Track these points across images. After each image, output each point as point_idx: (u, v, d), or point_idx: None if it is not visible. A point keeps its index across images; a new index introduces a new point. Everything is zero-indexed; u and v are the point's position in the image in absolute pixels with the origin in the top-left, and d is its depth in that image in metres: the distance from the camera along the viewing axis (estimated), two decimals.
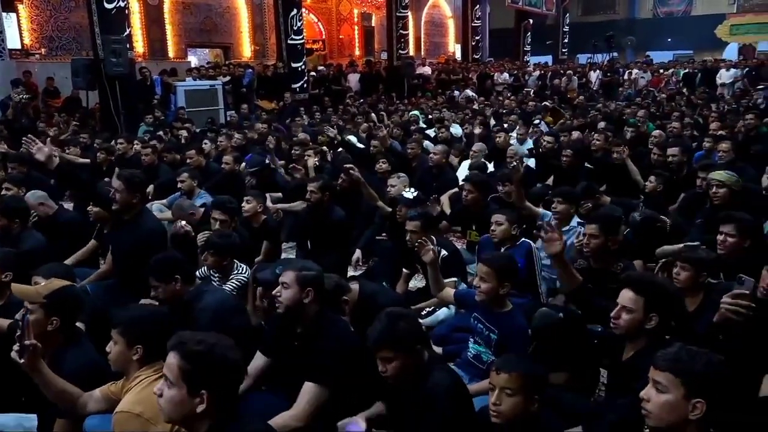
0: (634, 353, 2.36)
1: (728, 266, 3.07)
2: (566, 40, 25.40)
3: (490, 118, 10.47)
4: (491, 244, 3.84)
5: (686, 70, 17.47)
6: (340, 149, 7.38)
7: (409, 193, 4.64)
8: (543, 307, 3.09)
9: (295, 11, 13.78)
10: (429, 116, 11.07)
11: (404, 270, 4.19)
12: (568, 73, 17.55)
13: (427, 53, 22.71)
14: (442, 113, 11.00)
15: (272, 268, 2.88)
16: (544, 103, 12.25)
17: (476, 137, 8.05)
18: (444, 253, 3.78)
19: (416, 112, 11.38)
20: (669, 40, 25.99)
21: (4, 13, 11.78)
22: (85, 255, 4.28)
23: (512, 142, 7.38)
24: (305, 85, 14.29)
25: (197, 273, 3.50)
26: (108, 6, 9.59)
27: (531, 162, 6.79)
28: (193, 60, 16.41)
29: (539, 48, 24.34)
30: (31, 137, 3.85)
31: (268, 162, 6.37)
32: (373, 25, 21.69)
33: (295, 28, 13.83)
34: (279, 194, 5.93)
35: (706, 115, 9.50)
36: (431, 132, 8.89)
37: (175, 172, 5.70)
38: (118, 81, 9.74)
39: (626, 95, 15.27)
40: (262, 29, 17.88)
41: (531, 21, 23.36)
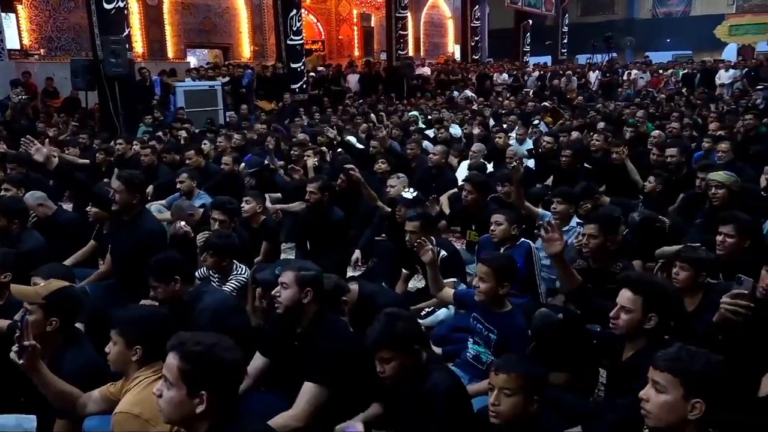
0: (633, 353, 2.36)
1: (727, 266, 3.07)
2: (565, 41, 25.40)
3: (489, 119, 10.48)
4: (491, 244, 3.84)
5: (685, 71, 17.46)
6: (339, 150, 7.39)
7: (409, 194, 4.65)
8: (542, 308, 3.10)
9: (295, 12, 13.78)
10: (428, 117, 11.08)
11: (403, 270, 4.19)
12: (568, 73, 17.56)
13: (427, 54, 22.72)
14: (441, 114, 11.01)
15: (271, 268, 2.88)
16: (543, 104, 12.26)
17: (475, 138, 8.05)
18: (443, 253, 3.78)
19: (415, 113, 11.38)
20: (668, 40, 25.99)
21: (3, 14, 11.80)
22: (84, 256, 4.28)
23: (511, 143, 7.38)
24: (304, 86, 14.28)
25: (197, 273, 3.50)
26: (107, 6, 9.60)
27: (530, 163, 6.80)
28: (192, 60, 16.42)
29: (538, 48, 24.36)
30: (29, 138, 3.86)
31: (267, 162, 6.37)
32: (372, 25, 21.69)
33: (295, 29, 13.82)
34: (278, 195, 5.93)
35: (705, 115, 9.51)
36: (430, 132, 8.90)
37: (175, 172, 5.69)
38: (117, 81, 9.75)
39: (625, 96, 15.29)
40: (262, 30, 17.88)
41: (530, 21, 23.38)
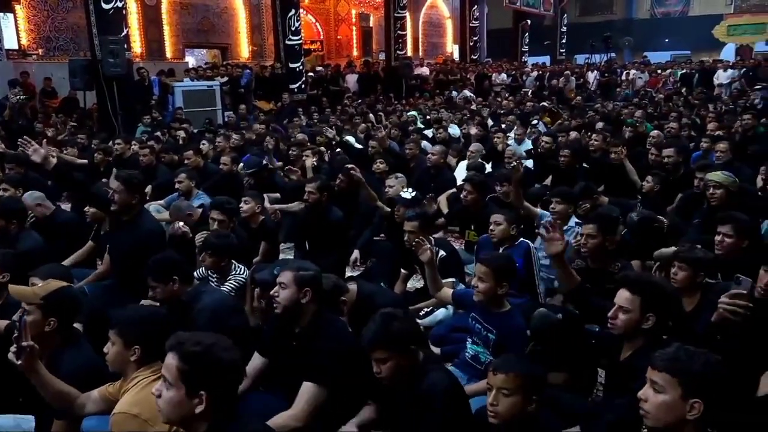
0: (631, 353, 2.37)
1: (726, 266, 3.07)
2: (564, 41, 25.40)
3: (487, 119, 10.48)
4: (490, 244, 3.84)
5: (684, 71, 17.48)
6: (338, 150, 7.38)
7: (407, 194, 4.65)
8: (541, 308, 3.10)
9: (293, 12, 13.76)
10: (427, 117, 11.08)
11: (402, 270, 4.19)
12: (566, 73, 17.57)
13: (425, 54, 22.71)
14: (440, 114, 11.02)
15: (270, 268, 2.88)
16: (542, 104, 12.26)
17: (473, 138, 8.05)
18: (442, 253, 3.78)
19: (414, 113, 11.38)
20: (666, 40, 26.03)
21: (1, 14, 11.79)
22: (82, 256, 4.27)
23: (510, 143, 7.38)
24: (303, 86, 14.27)
25: (195, 273, 3.49)
26: (105, 6, 9.59)
27: (529, 163, 6.80)
28: (190, 60, 16.41)
29: (537, 48, 24.38)
30: (27, 138, 3.85)
31: (265, 163, 6.36)
32: (371, 25, 21.68)
33: (293, 29, 13.81)
34: (277, 195, 5.93)
35: (704, 115, 9.52)
36: (429, 132, 8.90)
37: (173, 172, 5.69)
38: (115, 81, 9.73)
39: (624, 96, 15.29)
40: (260, 30, 17.87)
41: (529, 21, 23.39)
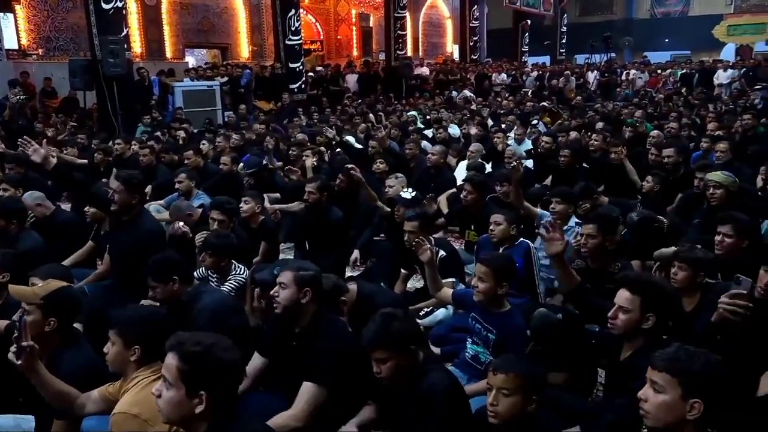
0: (631, 353, 2.37)
1: (726, 266, 3.07)
2: (564, 41, 25.41)
3: (487, 119, 10.48)
4: (490, 244, 3.84)
5: (684, 71, 17.48)
6: (338, 150, 7.38)
7: (407, 194, 4.65)
8: (541, 308, 3.10)
9: (293, 12, 13.76)
10: (427, 117, 11.08)
11: (402, 270, 4.19)
12: (566, 73, 17.57)
13: (425, 54, 22.71)
14: (440, 114, 11.01)
15: (270, 268, 2.88)
16: (542, 104, 12.26)
17: (473, 138, 8.05)
18: (442, 253, 3.78)
19: (414, 113, 11.38)
20: (666, 40, 26.03)
21: (1, 14, 11.78)
22: (82, 256, 4.27)
23: (510, 143, 7.38)
24: (303, 86, 14.27)
25: (195, 273, 3.49)
26: (105, 6, 9.59)
27: (529, 163, 6.79)
28: (190, 60, 16.41)
29: (537, 48, 24.38)
30: (27, 139, 3.85)
31: (265, 163, 6.36)
32: (371, 25, 21.68)
33: (293, 29, 13.81)
34: (277, 195, 5.93)
35: (704, 115, 9.52)
36: (429, 132, 8.90)
37: (173, 172, 5.69)
38: (115, 81, 9.73)
39: (624, 96, 15.29)
40: (260, 30, 17.87)
41: (529, 21, 23.39)
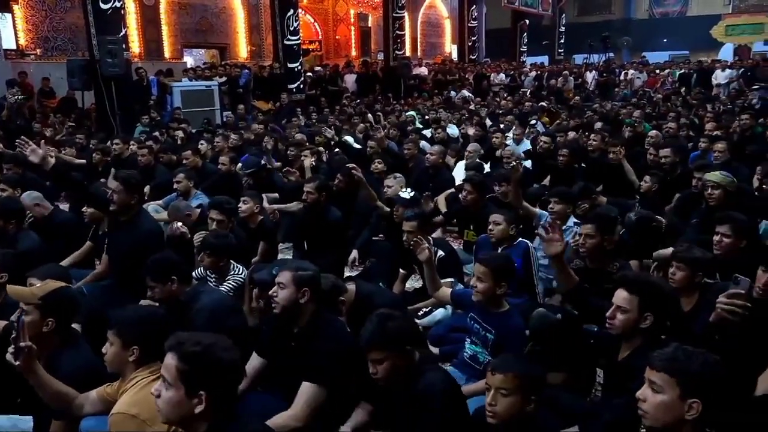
0: (629, 353, 2.37)
1: (724, 266, 3.07)
2: (562, 41, 25.40)
3: (485, 119, 10.48)
4: (489, 243, 3.84)
5: (682, 71, 17.51)
6: (336, 150, 7.38)
7: (406, 194, 4.65)
8: (540, 308, 3.10)
9: (292, 12, 13.76)
10: (425, 117, 11.07)
11: (401, 270, 4.19)
12: (565, 73, 17.59)
13: (424, 54, 22.72)
14: (438, 114, 11.01)
15: (269, 268, 2.88)
16: (540, 104, 12.27)
17: (471, 138, 8.05)
18: (440, 253, 3.79)
19: (413, 113, 11.37)
20: (665, 40, 26.05)
21: None
22: (81, 256, 4.27)
23: (508, 143, 7.39)
24: (302, 86, 14.27)
25: (194, 273, 3.49)
26: (104, 6, 9.57)
27: (527, 163, 6.79)
28: (189, 60, 16.41)
29: (536, 48, 24.38)
30: (24, 139, 3.85)
31: (264, 163, 6.36)
32: (369, 25, 21.68)
33: (292, 29, 13.80)
34: (275, 195, 5.93)
35: (702, 115, 9.54)
36: (428, 132, 8.90)
37: (172, 172, 5.69)
38: (113, 81, 9.72)
39: (622, 96, 15.31)
40: (259, 30, 17.87)
41: (527, 21, 23.38)
